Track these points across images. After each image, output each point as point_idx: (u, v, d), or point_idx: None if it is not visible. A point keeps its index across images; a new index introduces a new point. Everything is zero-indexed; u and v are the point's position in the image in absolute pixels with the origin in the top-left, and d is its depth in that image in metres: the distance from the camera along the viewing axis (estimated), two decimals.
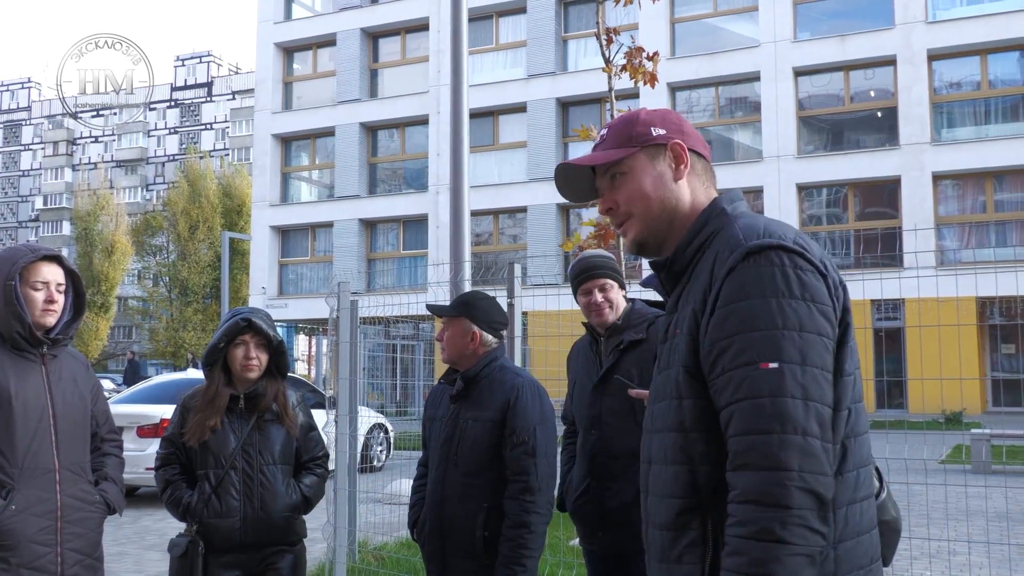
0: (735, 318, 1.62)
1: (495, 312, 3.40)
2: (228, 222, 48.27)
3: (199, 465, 3.42)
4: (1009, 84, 24.00)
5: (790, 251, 1.64)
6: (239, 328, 3.43)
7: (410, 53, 30.70)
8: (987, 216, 23.66)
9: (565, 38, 28.33)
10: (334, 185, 31.06)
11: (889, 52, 24.20)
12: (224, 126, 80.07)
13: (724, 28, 26.52)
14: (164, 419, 10.64)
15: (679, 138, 1.88)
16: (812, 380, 1.57)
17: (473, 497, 3.21)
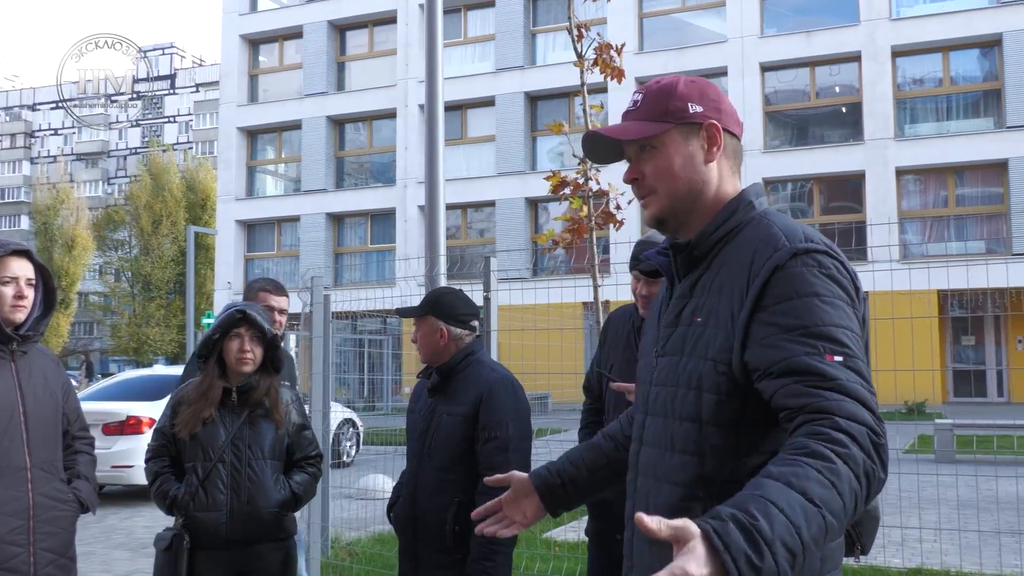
0: (791, 315, 1.60)
1: (461, 306, 3.37)
2: (192, 216, 47.75)
3: (188, 458, 3.39)
4: (970, 81, 24.37)
5: (831, 256, 1.66)
6: (234, 320, 3.40)
7: (378, 46, 30.53)
8: (948, 211, 24.01)
9: (534, 32, 28.32)
10: (301, 179, 30.83)
11: (854, 48, 24.46)
12: (188, 119, 79.16)
13: (692, 23, 26.66)
14: (131, 416, 10.51)
15: (715, 117, 1.82)
16: (869, 374, 1.59)
17: (445, 491, 3.20)
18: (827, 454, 1.43)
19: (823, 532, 1.37)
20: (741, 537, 1.29)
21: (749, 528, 1.30)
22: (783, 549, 1.31)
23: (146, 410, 10.66)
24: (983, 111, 24.08)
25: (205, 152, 70.25)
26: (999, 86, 23.52)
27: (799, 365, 1.53)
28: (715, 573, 1.26)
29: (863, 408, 1.49)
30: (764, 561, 1.28)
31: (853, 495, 1.41)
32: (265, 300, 4.17)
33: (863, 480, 1.43)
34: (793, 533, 1.32)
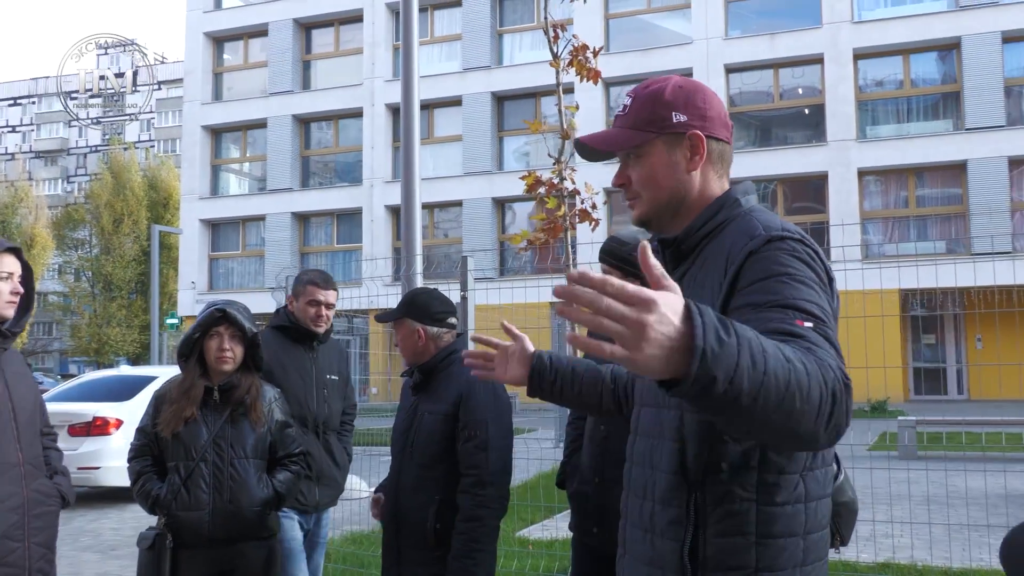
0: (763, 292, 1.63)
1: (436, 304, 3.38)
2: (154, 215, 47.15)
3: (170, 457, 3.39)
4: (930, 83, 24.78)
5: (805, 244, 1.71)
6: (214, 319, 3.40)
7: (344, 45, 30.39)
8: (909, 211, 24.40)
9: (500, 32, 28.34)
10: (266, 178, 30.61)
11: (817, 51, 24.77)
12: (149, 117, 78.21)
13: (657, 25, 26.85)
14: (97, 417, 10.39)
15: (699, 126, 1.86)
16: (838, 345, 1.59)
17: (426, 489, 3.21)
18: (803, 346, 1.45)
19: (785, 384, 1.32)
20: (715, 316, 1.29)
21: (724, 318, 1.30)
22: (748, 351, 1.29)
23: (113, 411, 10.55)
24: (942, 113, 24.50)
25: (167, 150, 69.47)
26: (958, 88, 23.94)
27: (769, 328, 1.52)
28: (682, 332, 1.25)
29: (833, 358, 1.48)
30: (730, 338, 1.27)
31: (819, 391, 1.37)
32: (312, 294, 4.14)
33: (829, 391, 1.39)
34: (760, 351, 1.31)
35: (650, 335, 1.22)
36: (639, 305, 1.22)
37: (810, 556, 1.72)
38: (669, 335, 1.24)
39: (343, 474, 4.38)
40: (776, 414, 1.33)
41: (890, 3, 24.99)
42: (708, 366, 1.25)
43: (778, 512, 1.69)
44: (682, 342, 1.25)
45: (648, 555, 1.82)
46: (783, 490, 1.70)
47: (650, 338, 1.22)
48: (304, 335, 4.18)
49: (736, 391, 1.28)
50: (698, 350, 1.24)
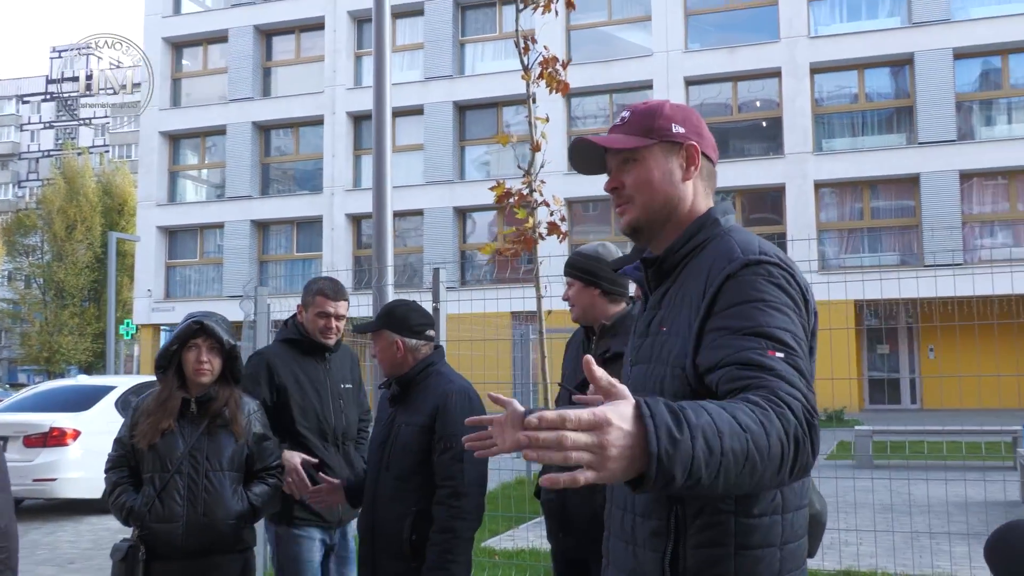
0: (738, 318, 1.69)
1: (414, 317, 3.40)
2: (109, 222, 46.43)
3: (146, 469, 3.37)
4: (884, 98, 25.26)
5: (782, 268, 1.77)
6: (192, 331, 3.38)
7: (305, 52, 30.23)
8: (864, 223, 24.81)
9: (463, 42, 28.39)
10: (225, 185, 30.32)
11: (774, 64, 25.14)
12: (104, 121, 77.05)
13: (618, 37, 27.07)
14: (54, 428, 10.20)
15: (695, 140, 1.94)
16: (810, 375, 1.68)
17: (402, 500, 3.23)
18: (763, 404, 1.50)
19: (744, 455, 1.40)
20: (667, 413, 1.35)
21: (676, 411, 1.36)
22: (702, 439, 1.35)
23: (70, 421, 10.37)
24: (896, 127, 24.97)
25: (122, 156, 68.48)
26: (911, 103, 24.43)
27: (740, 358, 1.62)
28: (636, 435, 1.32)
29: (800, 393, 1.56)
30: (683, 435, 1.33)
31: (780, 445, 1.45)
32: (321, 306, 4.00)
33: (791, 441, 1.48)
34: (715, 433, 1.37)
35: (611, 453, 1.30)
36: (596, 429, 1.30)
37: (787, 566, 1.77)
38: (627, 445, 1.31)
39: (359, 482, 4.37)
40: (739, 479, 1.42)
41: (845, 19, 25.45)
42: (665, 468, 1.32)
43: (755, 524, 1.74)
44: (639, 447, 1.32)
45: (630, 566, 1.86)
46: (760, 502, 1.74)
47: (612, 456, 1.30)
48: (315, 347, 4.07)
49: (695, 479, 1.36)
50: (654, 457, 1.31)
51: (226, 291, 29.07)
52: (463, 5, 28.30)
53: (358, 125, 29.13)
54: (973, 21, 23.96)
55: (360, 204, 28.33)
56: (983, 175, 23.87)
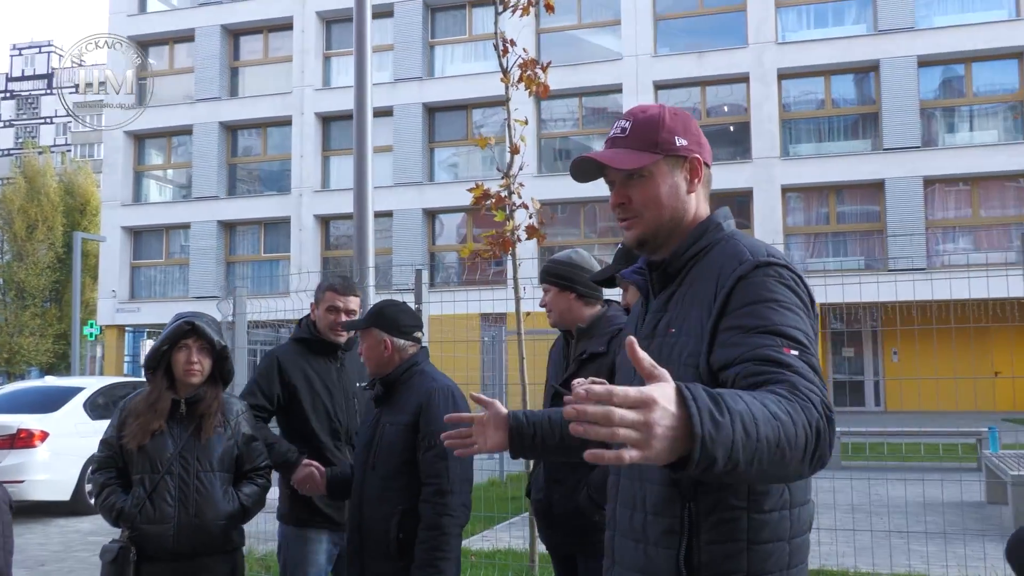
0: (753, 316, 1.73)
1: (404, 318, 3.42)
2: (70, 222, 45.77)
3: (135, 470, 3.34)
4: (849, 104, 25.61)
5: (790, 270, 1.82)
6: (182, 331, 3.36)
7: (273, 52, 30.05)
8: (830, 227, 25.13)
9: (432, 44, 28.37)
10: (191, 185, 30.04)
11: (743, 70, 25.38)
12: (66, 120, 76.01)
13: (588, 40, 27.19)
14: (22, 429, 10.08)
15: (698, 151, 1.98)
16: (821, 372, 1.72)
17: (389, 500, 3.24)
18: (787, 395, 1.54)
19: (776, 443, 1.43)
20: (706, 397, 1.38)
21: (715, 396, 1.40)
22: (740, 424, 1.39)
23: (38, 423, 10.25)
24: (862, 133, 25.32)
25: (85, 155, 67.58)
26: (876, 110, 24.78)
27: (758, 355, 1.66)
28: (680, 417, 1.35)
29: (818, 388, 1.61)
30: (724, 419, 1.37)
31: (805, 436, 1.49)
32: (331, 300, 3.96)
33: (814, 432, 1.52)
34: (751, 419, 1.41)
35: (657, 432, 1.32)
36: (643, 407, 1.32)
37: (795, 559, 1.81)
38: (671, 426, 1.34)
39: None
40: (771, 467, 1.46)
41: (812, 25, 25.77)
42: (708, 450, 1.36)
43: (766, 519, 1.78)
44: (681, 427, 1.35)
45: (641, 563, 1.88)
46: (771, 498, 1.78)
47: (657, 435, 1.32)
48: (327, 346, 4.02)
49: (734, 463, 1.39)
50: (698, 438, 1.35)
51: (192, 292, 28.80)
52: (433, 7, 28.28)
53: (327, 126, 29.01)
54: (937, 29, 24.36)
55: (329, 205, 28.21)
56: (946, 181, 24.27)
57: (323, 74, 29.04)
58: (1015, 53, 23.89)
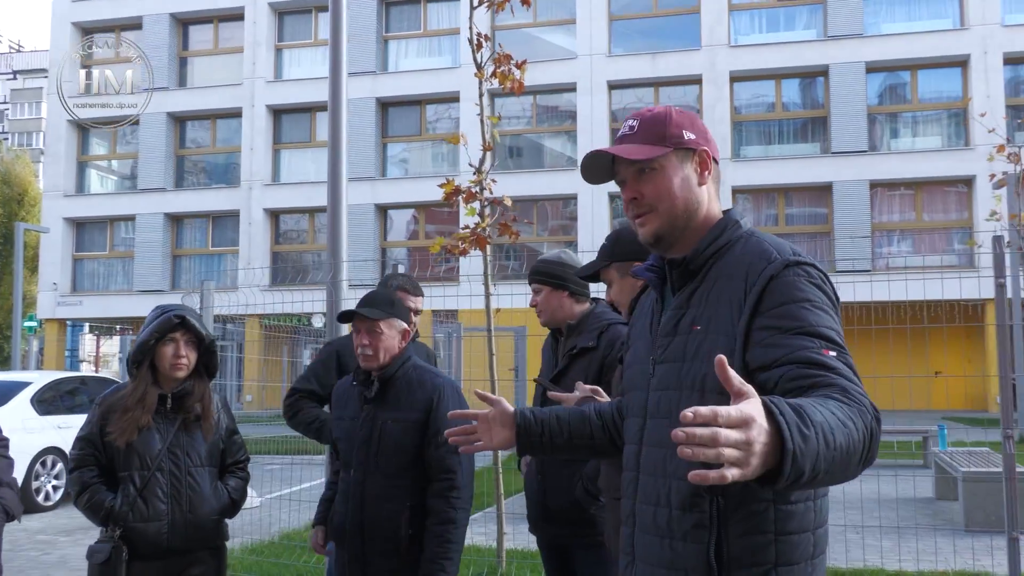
0: (788, 318, 1.75)
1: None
2: (7, 212, 44.58)
3: (122, 467, 3.25)
4: (799, 107, 26.03)
5: (818, 269, 1.85)
6: (171, 325, 3.29)
7: (223, 43, 29.59)
8: (778, 229, 25.51)
9: (386, 38, 28.18)
10: (137, 176, 29.45)
11: (695, 72, 25.65)
12: (3, 107, 74.04)
13: (542, 38, 27.24)
14: None
15: (706, 145, 2.01)
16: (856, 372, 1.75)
17: (397, 497, 3.21)
18: (844, 400, 1.57)
19: (846, 449, 1.47)
20: (792, 411, 1.41)
21: (797, 408, 1.43)
22: (821, 436, 1.42)
23: None
24: (811, 136, 25.76)
25: (23, 144, 65.90)
26: (825, 114, 25.22)
27: (800, 357, 1.68)
28: (772, 433, 1.37)
29: (863, 391, 1.64)
30: (810, 432, 1.40)
31: (862, 438, 1.53)
32: (403, 300, 3.84)
33: (868, 435, 1.55)
34: (830, 429, 1.45)
35: (756, 449, 1.35)
36: (744, 427, 1.34)
37: (818, 549, 1.85)
38: (765, 442, 1.36)
39: None
40: (840, 472, 1.50)
41: (764, 29, 26.14)
42: (799, 463, 1.38)
43: (793, 510, 1.80)
44: (772, 443, 1.37)
45: (668, 559, 1.88)
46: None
47: (756, 452, 1.35)
48: None
49: (816, 473, 1.42)
50: (789, 453, 1.37)
51: (137, 286, 28.26)
52: (387, 1, 28.09)
53: (278, 119, 28.67)
54: (884, 36, 24.87)
55: (279, 199, 27.88)
56: (891, 185, 24.80)
57: (275, 66, 28.69)
58: (959, 61, 24.50)
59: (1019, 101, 24.27)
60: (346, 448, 3.36)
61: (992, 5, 24.22)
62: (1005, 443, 4.69)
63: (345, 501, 3.32)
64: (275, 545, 7.75)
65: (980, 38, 24.09)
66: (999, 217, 11.96)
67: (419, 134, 27.75)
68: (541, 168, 26.59)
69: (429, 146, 27.91)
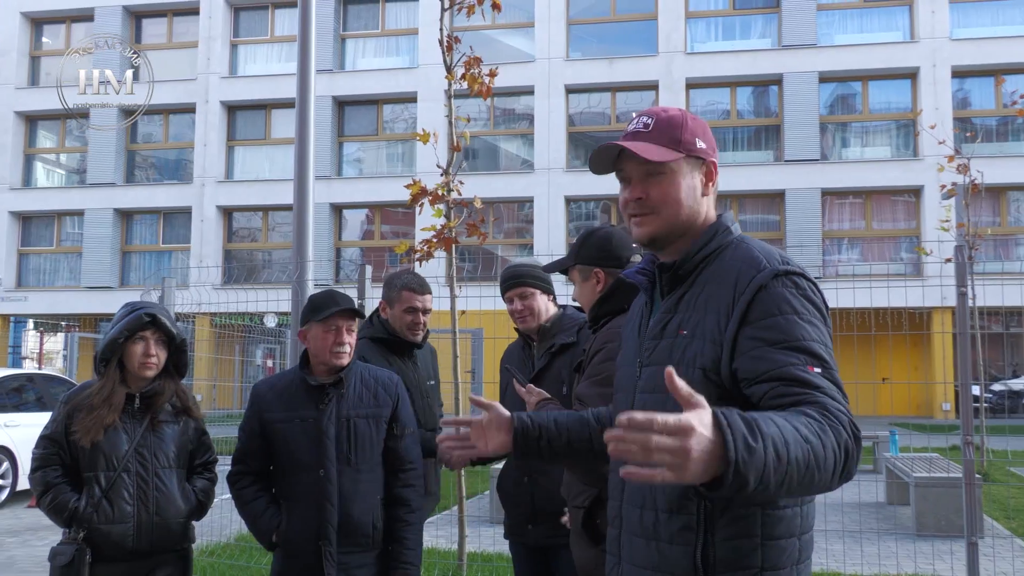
0: (776, 330, 1.77)
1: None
2: None
3: (87, 467, 3.18)
4: (753, 116, 26.36)
5: (806, 279, 1.87)
6: (141, 323, 3.22)
7: (177, 37, 29.15)
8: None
9: (344, 36, 27.99)
10: (87, 171, 28.88)
11: (652, 77, 25.84)
12: None
13: (501, 41, 27.24)
14: None
15: (714, 157, 2.03)
16: (842, 384, 1.78)
17: (370, 492, 3.27)
18: (817, 417, 1.61)
19: (805, 464, 1.52)
20: (741, 423, 1.46)
21: (749, 420, 1.47)
22: (772, 448, 1.47)
23: None
24: (764, 144, 26.09)
25: None
26: (778, 122, 25.57)
27: (785, 374, 1.71)
28: (715, 442, 1.42)
29: (844, 408, 1.68)
30: (758, 444, 1.45)
31: (834, 456, 1.58)
32: (409, 301, 3.90)
33: (842, 452, 1.60)
34: (783, 443, 1.49)
35: (693, 456, 1.39)
36: (681, 434, 1.39)
37: (803, 554, 1.87)
38: (706, 449, 1.41)
39: (438, 480, 4.23)
40: (800, 486, 1.55)
41: (720, 37, 26.43)
42: (741, 473, 1.43)
43: (779, 515, 1.82)
44: (716, 451, 1.42)
45: (654, 561, 1.90)
46: None
47: (693, 459, 1.39)
48: (403, 345, 3.95)
49: (765, 485, 1.47)
50: (731, 463, 1.42)
51: (85, 281, 27.71)
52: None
53: (232, 115, 28.31)
54: (837, 47, 25.29)
55: (232, 196, 27.54)
56: (841, 194, 25.22)
57: (230, 62, 28.34)
58: (908, 73, 25.00)
59: (965, 113, 24.83)
60: (307, 448, 3.26)
61: (941, 19, 24.76)
62: (965, 449, 4.78)
63: (308, 503, 3.23)
64: (231, 547, 7.65)
65: (929, 51, 24.61)
66: (948, 228, 12.23)
67: (376, 134, 27.59)
68: (497, 170, 26.60)
69: (384, 146, 27.76)
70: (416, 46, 27.12)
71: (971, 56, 24.47)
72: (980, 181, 11.79)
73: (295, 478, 3.27)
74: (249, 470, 3.35)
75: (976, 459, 8.60)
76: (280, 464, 3.32)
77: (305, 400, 3.31)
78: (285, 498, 3.29)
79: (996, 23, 25.10)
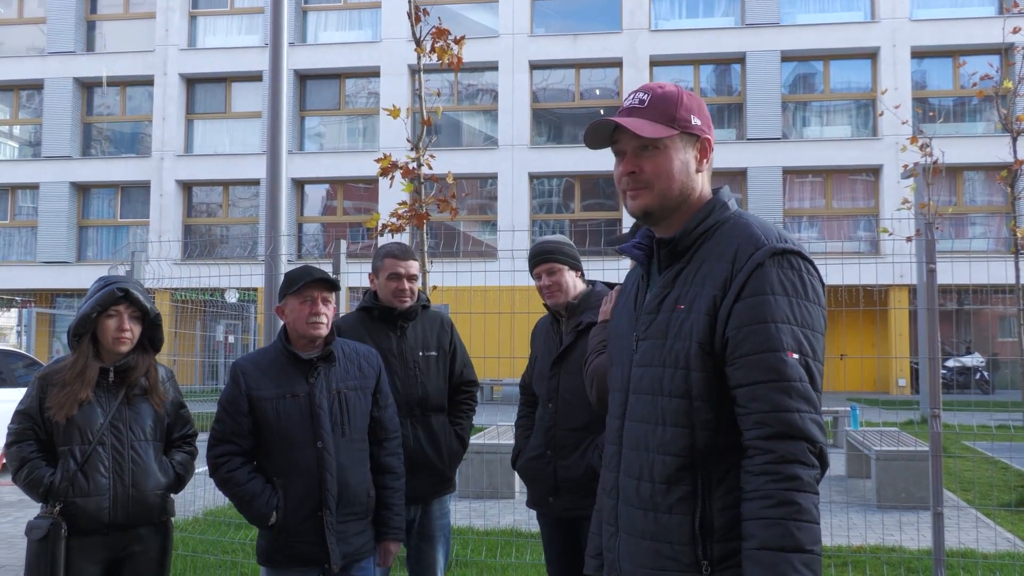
0: (763, 309, 1.83)
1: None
2: None
3: (62, 441, 3.17)
4: (716, 94, 26.49)
5: (805, 258, 1.91)
6: (114, 298, 3.20)
7: (134, 8, 28.56)
8: None
9: (305, 9, 27.62)
10: (41, 143, 28.29)
11: (616, 55, 25.84)
12: None
13: (465, 16, 27.05)
14: None
15: (709, 134, 2.05)
16: (818, 371, 1.85)
17: (364, 462, 3.37)
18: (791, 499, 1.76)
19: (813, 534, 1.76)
20: None
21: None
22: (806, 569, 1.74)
23: None
24: (727, 122, 26.24)
25: None
26: (741, 100, 25.73)
27: (763, 361, 1.81)
28: None
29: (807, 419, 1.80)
30: None
31: (816, 505, 1.77)
32: (391, 267, 3.85)
33: (814, 487, 1.79)
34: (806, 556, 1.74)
35: None
36: None
37: None
38: None
39: (449, 459, 3.97)
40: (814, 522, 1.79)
41: (684, 15, 26.47)
42: None
43: None
44: None
45: (652, 531, 1.93)
46: None
47: None
48: (388, 314, 3.91)
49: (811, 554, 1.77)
50: None
51: (41, 256, 27.23)
52: None
53: (191, 88, 27.87)
54: (799, 27, 25.46)
55: (192, 170, 27.16)
56: (802, 172, 25.48)
57: (188, 34, 27.85)
58: (868, 53, 25.25)
59: (924, 94, 25.15)
60: (301, 423, 3.25)
61: (902, 0, 25.01)
62: (932, 422, 4.88)
63: (309, 477, 3.22)
64: (199, 521, 7.63)
65: (889, 31, 24.87)
66: (909, 206, 12.40)
67: (338, 108, 27.32)
68: (460, 146, 26.49)
69: (346, 120, 27.50)
70: (379, 19, 26.85)
71: (930, 37, 24.77)
72: (941, 161, 11.95)
73: (291, 454, 3.24)
74: (238, 451, 3.25)
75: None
76: (270, 441, 3.26)
77: (294, 375, 3.29)
78: (280, 474, 3.24)
79: (955, 4, 25.41)
